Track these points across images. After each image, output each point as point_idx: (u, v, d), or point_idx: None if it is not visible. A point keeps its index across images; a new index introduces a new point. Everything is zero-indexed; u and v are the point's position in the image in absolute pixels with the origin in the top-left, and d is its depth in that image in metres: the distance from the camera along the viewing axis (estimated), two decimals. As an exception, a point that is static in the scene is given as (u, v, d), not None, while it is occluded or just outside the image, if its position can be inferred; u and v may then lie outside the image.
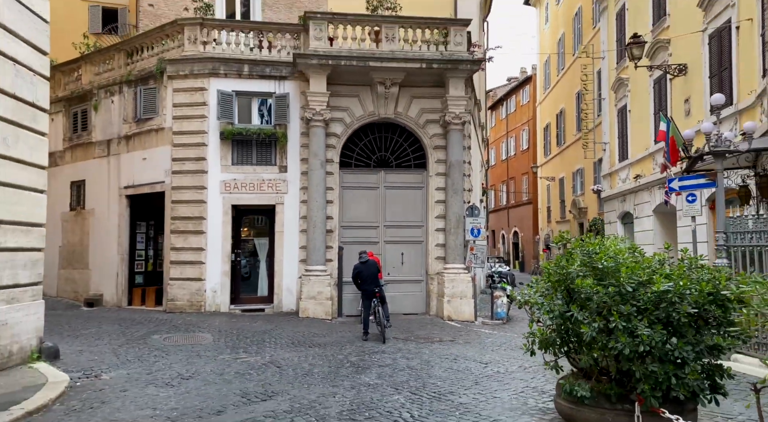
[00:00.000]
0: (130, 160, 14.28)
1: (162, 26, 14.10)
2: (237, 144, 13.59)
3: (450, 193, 13.95)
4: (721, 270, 4.75)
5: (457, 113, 13.78)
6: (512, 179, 47.20)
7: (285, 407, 5.84)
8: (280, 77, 13.72)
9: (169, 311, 13.22)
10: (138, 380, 7.16)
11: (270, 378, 7.25)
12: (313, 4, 18.60)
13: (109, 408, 5.91)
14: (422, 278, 14.32)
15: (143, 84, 14.07)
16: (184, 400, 6.16)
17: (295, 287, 13.55)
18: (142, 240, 14.96)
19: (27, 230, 7.83)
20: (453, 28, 13.71)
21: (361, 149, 14.40)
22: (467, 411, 5.73)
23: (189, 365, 8.06)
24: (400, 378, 7.33)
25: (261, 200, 13.78)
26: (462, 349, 9.68)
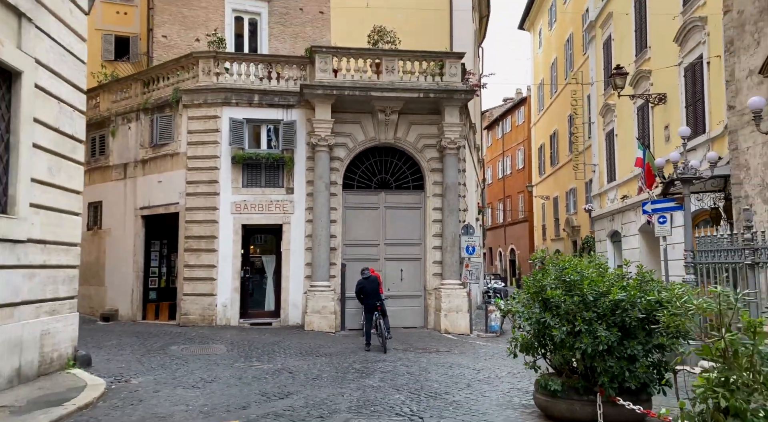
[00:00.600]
0: (146, 182, 15.23)
1: (178, 59, 15.16)
2: (247, 168, 14.55)
3: (446, 213, 14.89)
4: (672, 284, 5.67)
5: (453, 138, 14.79)
6: (509, 197, 48.25)
7: (300, 403, 6.70)
8: (288, 106, 14.74)
9: (183, 325, 14.06)
10: (165, 383, 8.00)
11: (284, 381, 8.10)
12: (317, 34, 19.77)
13: (146, 404, 6.76)
14: (420, 293, 15.18)
15: (159, 112, 15.08)
16: (211, 398, 7.01)
17: (300, 301, 14.41)
18: (156, 258, 15.84)
19: (66, 249, 8.73)
20: (448, 60, 14.80)
21: (363, 171, 15.38)
22: (459, 407, 6.60)
23: (209, 371, 8.90)
24: (400, 381, 8.19)
25: (269, 220, 14.70)
26: (457, 358, 10.53)
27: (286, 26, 19.47)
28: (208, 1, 18.69)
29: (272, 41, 19.30)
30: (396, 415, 6.21)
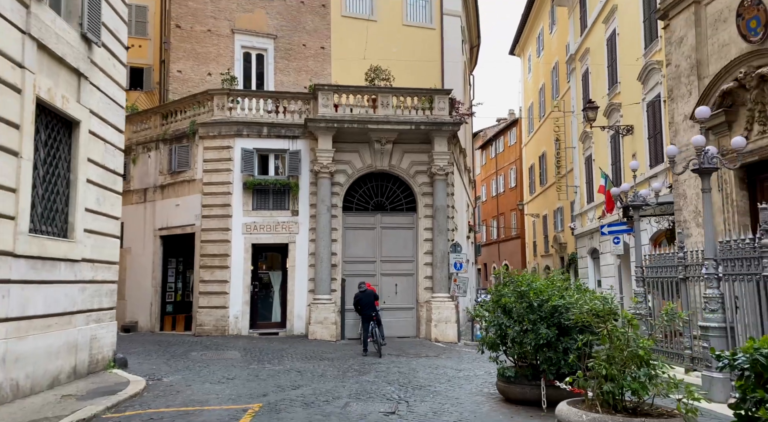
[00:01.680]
0: (165, 206, 16.82)
1: (194, 95, 16.86)
2: (257, 192, 16.16)
3: (436, 233, 16.48)
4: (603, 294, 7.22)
5: (441, 165, 16.44)
6: (502, 214, 49.88)
7: (309, 392, 8.22)
8: (293, 137, 16.41)
9: (198, 335, 15.55)
10: (194, 380, 9.50)
11: (294, 378, 9.62)
12: (319, 68, 21.54)
13: (183, 395, 8.27)
14: (413, 305, 16.71)
15: (177, 142, 16.73)
16: (235, 390, 8.53)
17: (304, 313, 15.93)
18: (173, 274, 17.37)
19: (108, 266, 10.29)
20: (437, 96, 16.51)
21: (361, 195, 17.00)
22: (438, 394, 8.12)
23: (228, 371, 10.41)
24: (392, 377, 9.70)
25: (276, 240, 16.28)
26: (443, 361, 12.04)
27: (290, 61, 21.23)
28: (219, 39, 20.46)
29: (278, 74, 21.04)
30: (387, 400, 7.74)
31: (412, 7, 22.84)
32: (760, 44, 8.82)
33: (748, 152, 9.16)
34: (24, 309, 7.61)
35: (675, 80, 10.99)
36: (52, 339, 8.37)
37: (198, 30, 20.20)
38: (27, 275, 7.66)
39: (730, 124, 9.48)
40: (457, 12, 23.55)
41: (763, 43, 8.78)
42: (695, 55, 10.31)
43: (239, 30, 20.55)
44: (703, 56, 10.19)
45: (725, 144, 9.54)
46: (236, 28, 20.53)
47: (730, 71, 9.18)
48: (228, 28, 20.52)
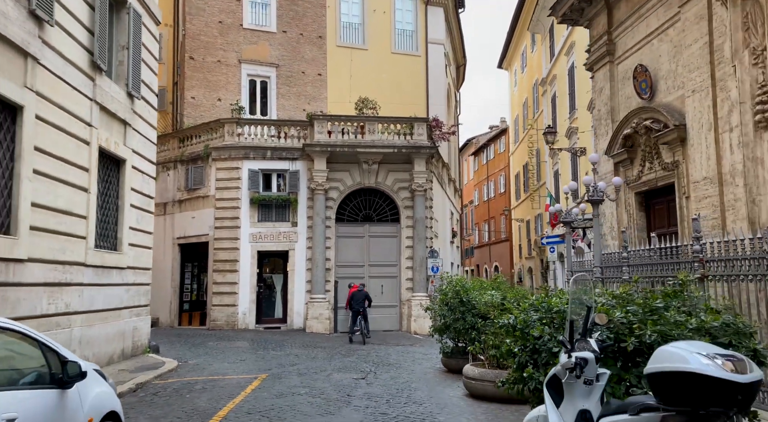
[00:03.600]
0: (182, 218, 19.50)
1: (208, 123, 19.54)
2: (261, 206, 18.83)
3: (416, 240, 19.13)
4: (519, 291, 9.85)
5: (420, 183, 19.09)
6: (492, 218, 52.48)
7: (303, 367, 10.88)
8: (293, 158, 19.07)
9: (212, 329, 18.22)
10: (213, 361, 12.15)
11: (292, 359, 12.27)
12: (316, 92, 24.15)
13: (208, 369, 10.93)
14: (396, 303, 19.36)
15: (193, 163, 19.42)
16: (247, 366, 11.18)
17: (302, 310, 18.58)
18: (189, 277, 20.05)
19: (144, 272, 12.97)
20: (416, 123, 19.17)
21: (351, 208, 19.65)
22: (400, 368, 10.77)
23: (240, 355, 13.06)
24: (369, 359, 12.35)
25: (278, 247, 18.93)
26: (415, 348, 14.68)
27: (291, 86, 23.88)
28: (227, 68, 23.13)
29: (279, 99, 23.69)
30: (360, 371, 10.39)
31: (400, 37, 25.47)
32: (648, 102, 11.38)
33: (642, 183, 11.79)
34: (91, 305, 10.27)
35: (598, 121, 13.59)
36: (109, 328, 11.03)
37: (209, 61, 22.87)
38: (93, 280, 10.33)
39: (632, 160, 12.05)
40: (440, 41, 26.18)
41: (650, 101, 11.35)
42: (610, 103, 12.89)
43: (245, 60, 23.20)
44: (615, 104, 12.77)
45: (629, 175, 12.15)
46: (243, 59, 23.18)
47: (629, 120, 11.76)
48: (235, 58, 23.17)
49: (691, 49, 9.90)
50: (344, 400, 7.75)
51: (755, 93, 7.93)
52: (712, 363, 2.70)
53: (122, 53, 11.74)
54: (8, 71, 7.79)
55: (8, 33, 7.66)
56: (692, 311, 4.51)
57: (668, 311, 4.21)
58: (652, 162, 11.32)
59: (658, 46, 11.29)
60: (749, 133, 8.10)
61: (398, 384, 9.05)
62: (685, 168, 10.29)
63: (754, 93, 7.95)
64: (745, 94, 8.17)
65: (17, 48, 7.93)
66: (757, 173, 7.98)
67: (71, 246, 9.52)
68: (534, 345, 4.68)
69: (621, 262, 9.42)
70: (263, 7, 23.57)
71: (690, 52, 9.92)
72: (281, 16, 23.73)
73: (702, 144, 9.59)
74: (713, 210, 9.36)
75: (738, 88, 8.29)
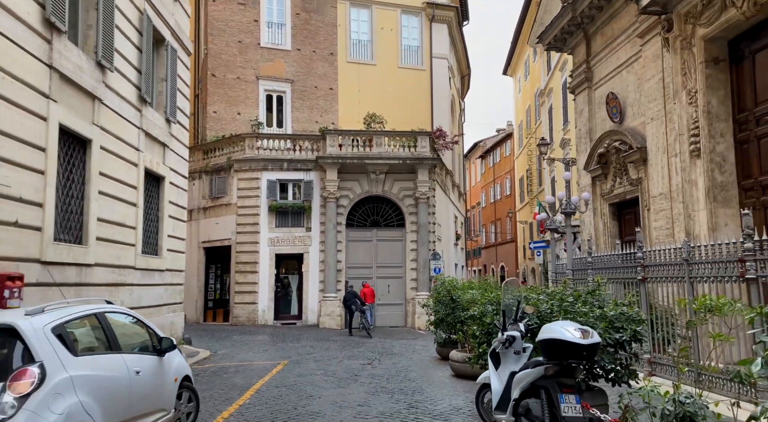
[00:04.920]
0: (207, 224, 21.41)
1: (230, 137, 21.44)
2: (278, 213, 20.68)
3: (420, 244, 20.88)
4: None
5: (423, 191, 20.83)
6: (498, 220, 54.03)
7: (318, 355, 12.68)
8: (307, 169, 20.90)
9: (234, 325, 20.11)
10: (240, 351, 13.99)
11: (308, 349, 14.08)
12: (328, 105, 25.96)
13: (236, 357, 12.77)
14: (402, 302, 21.12)
15: (216, 174, 21.32)
16: (270, 355, 13.01)
17: (316, 308, 20.41)
18: (213, 278, 21.97)
19: (178, 273, 14.85)
20: (419, 137, 20.92)
21: (360, 214, 21.44)
22: (400, 357, 12.54)
23: (262, 346, 14.90)
24: (375, 349, 14.13)
25: (293, 250, 20.77)
26: (417, 342, 16.43)
27: (304, 100, 25.72)
28: (246, 85, 25.02)
29: (294, 112, 25.54)
30: (367, 359, 12.18)
31: (406, 52, 27.22)
32: (618, 125, 13.01)
33: (614, 195, 13.44)
34: (139, 302, 12.14)
35: (579, 139, 15.23)
36: (152, 322, 12.89)
37: (229, 78, 24.78)
38: (140, 281, 12.21)
39: (606, 175, 13.67)
40: (444, 55, 27.88)
41: (620, 125, 12.98)
42: (588, 123, 14.52)
43: (263, 76, 25.08)
44: (593, 125, 14.40)
45: (604, 188, 13.80)
46: (260, 75, 25.06)
47: (603, 141, 13.39)
48: (253, 75, 25.06)
49: (650, 82, 11.55)
50: (352, 378, 9.54)
51: (690, 127, 9.58)
52: (570, 334, 4.44)
53: (161, 85, 13.63)
54: (80, 112, 9.67)
55: (83, 82, 9.54)
56: (602, 304, 6.24)
57: (577, 305, 5.94)
58: (622, 178, 12.98)
59: (627, 76, 12.95)
60: (686, 159, 9.76)
61: (398, 368, 10.83)
62: (647, 184, 11.94)
63: (690, 127, 9.61)
64: (683, 128, 9.83)
65: (87, 93, 9.81)
66: (691, 193, 9.64)
67: (124, 253, 11.40)
68: (488, 328, 6.44)
69: (587, 266, 11.12)
70: (279, 27, 25.44)
71: (649, 85, 11.57)
72: (295, 35, 25.58)
73: (658, 164, 11.25)
74: (667, 221, 11.01)
75: (678, 122, 9.96)
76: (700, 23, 9.26)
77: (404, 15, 27.15)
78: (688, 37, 9.60)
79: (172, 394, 5.74)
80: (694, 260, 7.75)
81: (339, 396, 7.99)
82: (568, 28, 14.78)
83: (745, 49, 9.02)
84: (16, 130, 7.78)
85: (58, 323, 4.25)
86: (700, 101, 9.39)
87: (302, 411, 7.05)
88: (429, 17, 27.17)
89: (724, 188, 9.22)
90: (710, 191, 9.24)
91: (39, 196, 8.32)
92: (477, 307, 6.94)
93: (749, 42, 8.91)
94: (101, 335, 4.82)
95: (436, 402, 7.49)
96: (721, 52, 9.33)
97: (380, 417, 6.65)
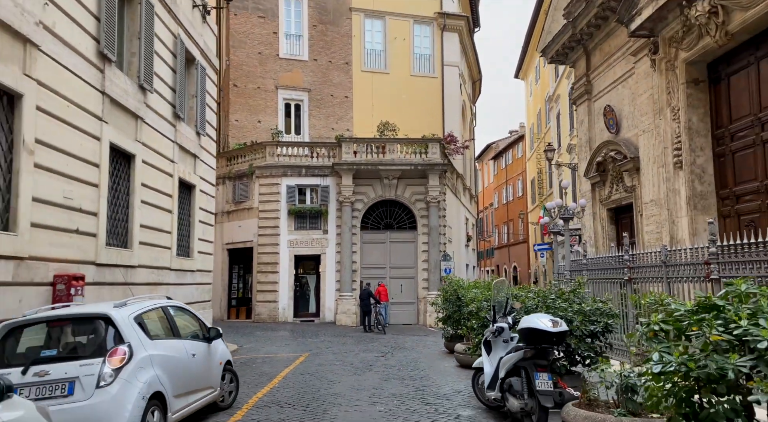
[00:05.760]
0: (230, 226, 22.69)
1: (252, 145, 22.70)
2: (297, 217, 21.88)
3: (431, 246, 21.94)
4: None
5: (434, 195, 21.90)
6: (511, 220, 54.81)
7: (336, 349, 13.83)
8: (324, 175, 22.08)
9: (256, 322, 21.36)
10: (264, 346, 15.19)
11: (327, 344, 15.23)
12: (343, 113, 27.13)
13: (262, 351, 13.96)
14: (414, 301, 22.20)
15: (239, 180, 22.59)
16: (292, 348, 14.18)
17: (333, 306, 21.58)
18: (236, 277, 23.25)
19: (207, 274, 16.09)
20: (430, 144, 21.98)
21: (374, 217, 22.56)
22: (411, 351, 13.64)
23: (284, 341, 16.09)
24: (389, 344, 15.24)
25: (311, 251, 21.96)
26: (427, 338, 17.51)
27: (321, 108, 26.91)
28: (266, 94, 26.28)
29: (311, 119, 26.75)
30: (381, 352, 13.30)
31: (418, 60, 28.28)
32: (614, 136, 13.96)
33: (611, 201, 14.40)
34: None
35: (579, 148, 16.19)
36: (185, 317, 14.14)
37: (250, 87, 26.06)
38: (175, 280, 13.45)
39: (604, 182, 14.62)
40: (455, 63, 28.90)
41: (616, 135, 13.92)
42: (588, 133, 15.48)
43: (281, 86, 26.32)
44: (592, 135, 15.35)
45: (602, 194, 14.75)
46: (279, 85, 26.31)
47: (600, 150, 14.35)
48: (273, 85, 26.32)
49: (642, 97, 12.51)
50: (367, 368, 10.66)
51: (674, 141, 10.55)
52: (543, 323, 5.50)
53: (192, 101, 14.87)
54: (126, 130, 10.91)
55: (128, 104, 10.78)
56: (582, 301, 7.28)
57: (558, 301, 6.99)
58: (618, 185, 13.95)
59: (622, 90, 13.91)
60: (671, 170, 10.72)
61: (408, 359, 11.93)
62: (639, 192, 12.90)
63: (673, 141, 10.57)
64: (668, 141, 10.79)
65: (131, 113, 11.05)
66: (675, 201, 10.60)
67: (162, 255, 12.64)
68: (483, 322, 7.51)
69: (582, 267, 12.12)
70: (297, 38, 26.67)
71: (641, 100, 12.53)
72: (312, 46, 26.78)
73: (649, 173, 12.21)
74: (657, 226, 11.97)
75: (663, 136, 10.92)
76: (681, 47, 10.22)
77: (416, 25, 28.22)
78: (672, 60, 10.56)
79: (218, 375, 6.91)
80: (670, 263, 8.73)
81: (356, 381, 9.11)
82: (569, 43, 15.75)
83: (721, 71, 9.96)
84: (78, 150, 9.03)
85: (138, 313, 5.43)
86: (682, 118, 10.35)
87: (325, 392, 8.18)
88: (440, 27, 28.21)
89: (703, 197, 10.18)
90: (691, 200, 10.20)
91: (94, 206, 9.57)
92: (474, 304, 8.00)
93: (725, 65, 9.85)
94: (166, 324, 6.00)
95: (441, 387, 8.57)
96: (701, 74, 10.28)
97: (392, 398, 7.75)
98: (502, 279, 7.10)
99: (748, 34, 8.87)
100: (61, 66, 8.58)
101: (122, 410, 4.69)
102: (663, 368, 2.82)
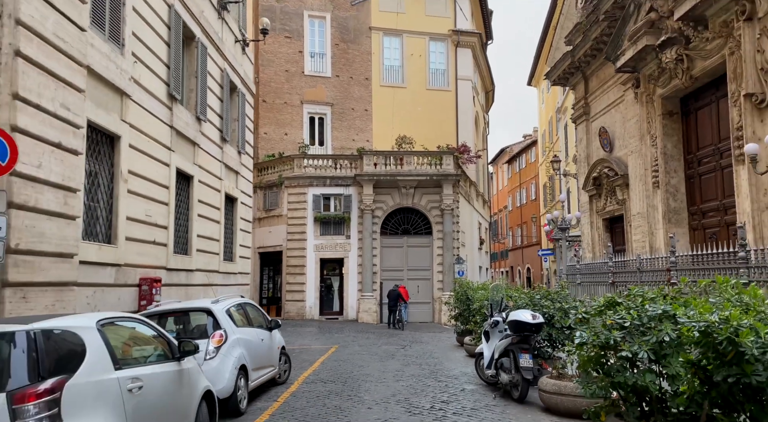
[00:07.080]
0: (261, 232, 24.79)
1: (281, 158, 24.78)
2: (322, 223, 23.89)
3: (445, 250, 23.81)
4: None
5: (448, 203, 23.76)
6: (524, 223, 56.36)
7: (361, 342, 15.78)
8: (346, 185, 24.07)
9: (285, 319, 23.39)
10: (296, 340, 17.16)
11: (352, 338, 17.18)
12: (363, 125, 29.09)
13: (295, 343, 15.91)
14: (430, 301, 24.08)
15: (269, 189, 24.69)
16: (321, 342, 16.16)
17: (355, 305, 23.56)
18: (267, 279, 25.34)
19: (246, 275, 18.15)
20: (444, 155, 23.86)
21: (393, 224, 24.48)
22: (426, 344, 15.53)
23: (313, 336, 18.07)
24: (407, 339, 17.14)
25: (335, 255, 23.96)
26: (441, 334, 19.38)
27: (342, 121, 28.91)
28: (292, 108, 28.35)
29: (333, 131, 28.76)
30: (400, 345, 15.22)
31: (433, 75, 30.15)
32: (608, 155, 15.69)
33: (606, 212, 16.14)
34: (221, 298, 15.42)
35: (579, 163, 17.93)
36: (229, 314, 16.21)
37: (277, 103, 28.16)
38: (222, 282, 15.51)
39: (600, 194, 16.35)
40: (468, 77, 30.70)
41: (610, 154, 15.65)
42: (587, 150, 17.22)
43: (306, 101, 28.38)
44: (590, 152, 17.09)
45: (598, 206, 16.50)
46: (304, 100, 28.36)
47: (596, 166, 16.09)
48: (298, 100, 28.38)
49: (630, 122, 14.26)
50: (390, 357, 12.58)
51: (652, 164, 12.31)
52: (525, 316, 7.38)
53: (234, 124, 16.94)
54: (187, 156, 12.98)
55: (188, 134, 12.85)
56: (563, 300, 9.13)
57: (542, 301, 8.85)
58: (611, 198, 15.70)
59: (615, 114, 15.66)
60: (650, 188, 12.48)
61: (424, 351, 13.83)
62: (629, 205, 14.64)
63: (652, 164, 12.33)
64: (648, 163, 12.55)
65: (191, 141, 13.11)
66: (653, 215, 12.35)
67: (212, 260, 14.71)
68: (484, 317, 9.40)
69: (576, 271, 13.92)
70: (320, 56, 28.71)
71: (630, 124, 14.28)
72: (335, 64, 28.80)
73: (636, 189, 13.95)
74: (642, 236, 13.72)
75: (644, 159, 12.68)
76: (658, 84, 11.98)
77: (432, 42, 30.09)
78: (651, 94, 12.32)
79: (277, 356, 8.90)
80: (643, 269, 10.52)
81: (381, 366, 11.04)
82: (569, 69, 17.52)
83: (691, 106, 11.70)
84: (155, 176, 11.10)
85: (228, 307, 7.43)
86: (659, 144, 12.11)
87: (357, 373, 10.13)
88: (454, 43, 30.04)
89: (676, 212, 11.92)
90: (666, 214, 11.96)
91: (165, 221, 11.64)
92: (479, 303, 9.88)
93: (693, 101, 11.59)
94: (244, 315, 7.99)
95: (451, 370, 10.47)
96: (675, 107, 12.02)
97: (411, 377, 9.67)
98: (496, 284, 8.99)
99: (708, 77, 10.62)
100: (144, 110, 10.65)
101: (222, 376, 6.67)
102: (580, 340, 4.66)
